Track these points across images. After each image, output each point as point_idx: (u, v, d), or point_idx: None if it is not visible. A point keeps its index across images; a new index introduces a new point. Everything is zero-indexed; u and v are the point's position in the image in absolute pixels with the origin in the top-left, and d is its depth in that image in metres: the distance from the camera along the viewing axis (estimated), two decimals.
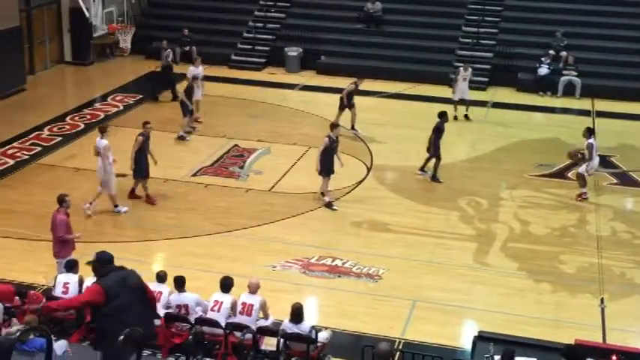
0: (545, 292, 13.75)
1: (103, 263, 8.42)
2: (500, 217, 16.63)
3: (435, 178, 18.07)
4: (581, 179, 17.40)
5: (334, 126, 17.03)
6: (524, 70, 25.69)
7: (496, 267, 14.59)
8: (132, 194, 16.74)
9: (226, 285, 11.24)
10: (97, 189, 15.93)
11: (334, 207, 16.65)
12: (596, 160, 17.44)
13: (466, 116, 22.51)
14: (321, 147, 16.60)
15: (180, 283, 11.33)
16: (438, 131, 18.05)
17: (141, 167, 16.44)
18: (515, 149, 20.39)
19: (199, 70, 21.65)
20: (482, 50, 26.50)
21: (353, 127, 21.01)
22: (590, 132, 17.45)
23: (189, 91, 20.33)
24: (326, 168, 16.58)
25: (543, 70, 25.06)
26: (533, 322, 12.70)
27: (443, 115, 18.38)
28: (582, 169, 17.33)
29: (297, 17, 28.73)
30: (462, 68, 22.78)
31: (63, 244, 12.76)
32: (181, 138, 20.23)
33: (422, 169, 18.41)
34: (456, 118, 22.23)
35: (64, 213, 12.83)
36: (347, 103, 20.71)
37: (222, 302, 11.07)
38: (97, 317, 8.26)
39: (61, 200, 12.89)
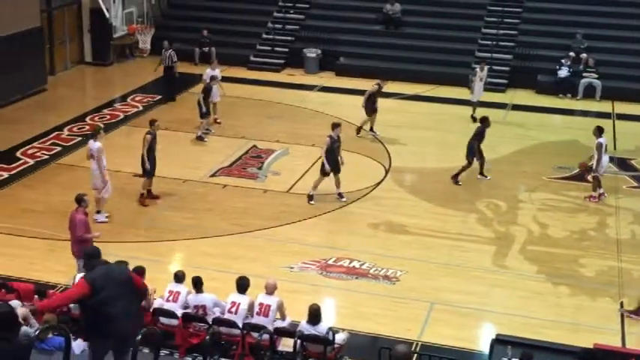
0: (563, 296, 13.67)
1: (89, 258, 8.49)
2: (519, 220, 16.55)
3: (455, 179, 17.98)
4: (596, 180, 17.34)
5: (335, 125, 16.99)
6: (543, 72, 25.55)
7: (514, 270, 14.53)
8: (150, 195, 16.81)
9: (242, 285, 11.24)
10: (94, 194, 15.56)
11: (312, 202, 16.75)
12: (606, 158, 17.38)
13: (473, 117, 22.50)
14: (324, 147, 16.68)
15: (198, 284, 11.37)
16: (479, 136, 17.93)
17: (152, 166, 16.53)
18: (534, 152, 20.30)
19: (216, 72, 21.64)
20: (502, 52, 26.40)
21: (372, 129, 21.00)
22: (600, 131, 17.36)
23: (206, 93, 20.34)
24: (329, 167, 16.61)
25: (563, 72, 24.92)
26: (552, 326, 12.63)
27: (484, 121, 18.21)
28: (594, 168, 17.34)
29: (316, 19, 28.75)
30: (478, 68, 22.68)
31: (82, 244, 12.81)
32: (200, 139, 20.28)
33: (481, 173, 18.32)
34: (475, 119, 22.35)
35: (83, 212, 12.89)
36: (365, 104, 20.65)
37: (239, 304, 11.08)
38: (83, 310, 8.33)
39: (80, 200, 12.96)
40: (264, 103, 23.72)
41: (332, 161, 16.64)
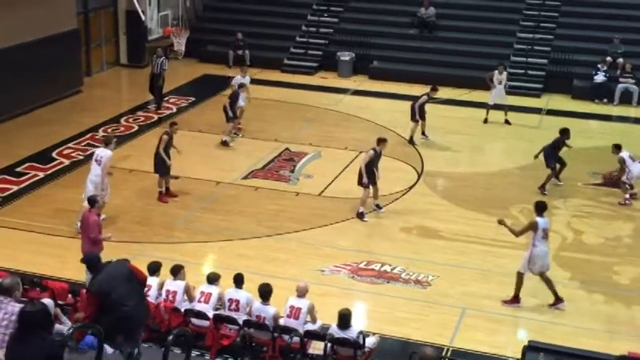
0: (598, 303, 13.51)
1: (93, 265, 9.06)
2: (553, 226, 16.25)
3: (542, 189, 17.72)
4: (623, 185, 17.42)
5: (381, 140, 16.71)
6: (579, 77, 25.32)
7: None
8: (168, 194, 16.93)
9: (265, 292, 11.23)
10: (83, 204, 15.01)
11: (365, 219, 16.39)
12: (636, 167, 17.37)
13: (506, 121, 22.32)
14: (365, 159, 16.44)
15: (239, 281, 11.50)
16: (556, 145, 17.81)
17: (166, 165, 16.69)
18: (569, 157, 20.03)
19: (246, 79, 21.67)
20: (537, 57, 26.20)
21: (423, 133, 20.95)
22: (618, 147, 17.53)
23: (233, 99, 20.37)
24: (369, 180, 16.49)
25: (599, 78, 24.66)
26: (585, 333, 12.48)
27: (565, 132, 17.98)
28: (623, 178, 17.39)
29: (350, 22, 28.76)
30: (496, 71, 22.46)
31: (94, 244, 12.92)
32: (224, 143, 20.25)
33: (557, 177, 18.19)
34: (486, 121, 22.41)
35: (96, 214, 13.08)
36: (418, 114, 20.54)
37: (264, 317, 11.08)
38: (100, 315, 8.52)
39: (94, 201, 13.20)
40: (297, 106, 23.76)
41: (369, 173, 16.46)
